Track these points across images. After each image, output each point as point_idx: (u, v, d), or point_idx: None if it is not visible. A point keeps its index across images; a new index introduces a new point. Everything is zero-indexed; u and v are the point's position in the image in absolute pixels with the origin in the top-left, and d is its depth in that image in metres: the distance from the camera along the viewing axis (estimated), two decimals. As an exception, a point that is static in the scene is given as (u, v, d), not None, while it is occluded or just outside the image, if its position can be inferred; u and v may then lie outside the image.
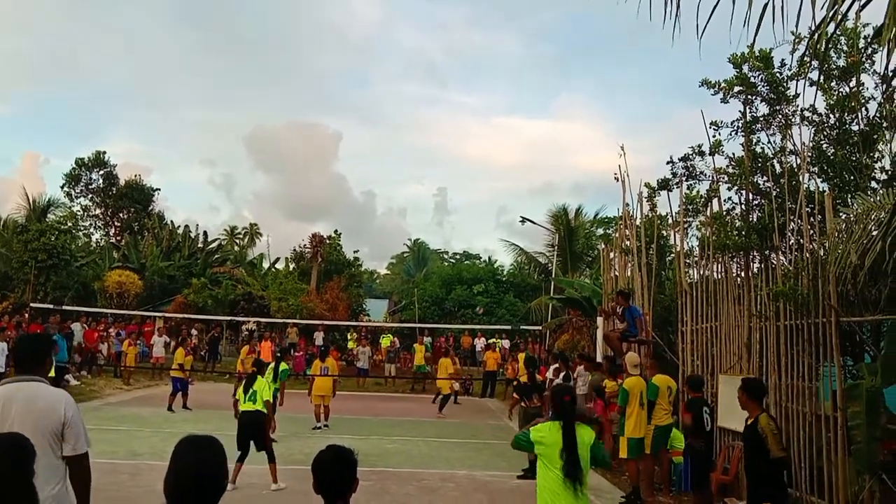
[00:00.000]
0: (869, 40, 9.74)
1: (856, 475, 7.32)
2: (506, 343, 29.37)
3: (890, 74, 8.50)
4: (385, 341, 29.48)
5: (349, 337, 30.84)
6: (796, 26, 3.93)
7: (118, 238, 45.22)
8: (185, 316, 28.53)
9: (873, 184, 9.70)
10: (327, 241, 37.37)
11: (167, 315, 28.88)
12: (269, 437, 9.87)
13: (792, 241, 9.84)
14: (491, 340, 28.84)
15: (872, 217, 7.31)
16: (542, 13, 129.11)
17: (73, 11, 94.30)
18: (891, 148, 9.71)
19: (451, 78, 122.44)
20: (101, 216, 47.82)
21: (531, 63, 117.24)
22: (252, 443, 9.63)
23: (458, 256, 64.17)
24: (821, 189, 9.79)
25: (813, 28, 3.93)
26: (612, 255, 16.89)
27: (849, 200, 9.02)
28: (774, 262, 9.68)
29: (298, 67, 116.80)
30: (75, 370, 21.17)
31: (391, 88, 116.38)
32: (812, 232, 8.92)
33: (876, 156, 10.02)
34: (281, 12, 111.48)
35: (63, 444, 3.80)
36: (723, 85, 11.25)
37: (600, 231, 34.05)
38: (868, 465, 6.99)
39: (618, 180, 15.17)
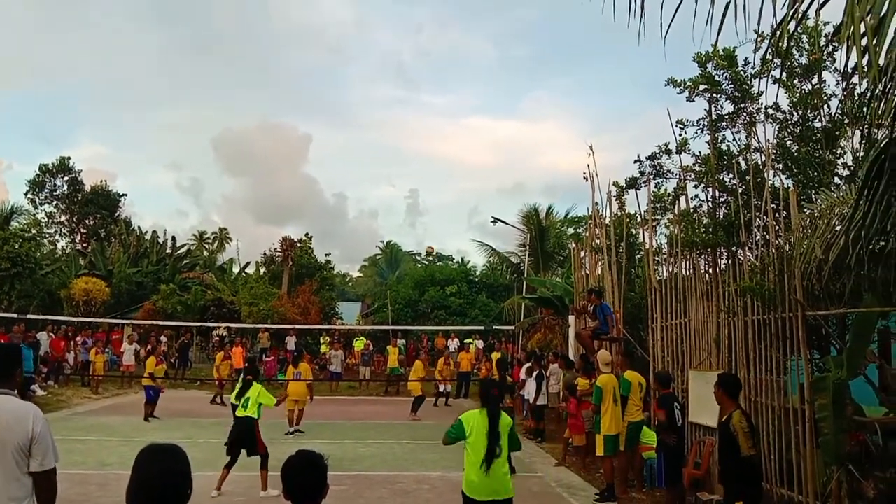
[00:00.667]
0: (829, 38, 9.91)
1: (824, 467, 7.43)
2: (479, 343, 29.38)
3: (850, 71, 8.68)
4: (358, 344, 29.25)
5: (322, 341, 30.61)
6: (758, 25, 3.99)
7: (84, 245, 44.45)
8: (154, 323, 28.13)
9: (836, 179, 9.85)
10: (298, 245, 37.08)
11: (136, 322, 28.45)
12: (263, 443, 9.71)
13: (758, 237, 9.97)
14: (466, 341, 28.85)
15: (836, 212, 7.43)
16: (511, 14, 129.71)
17: (34, 10, 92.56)
18: (852, 144, 9.87)
19: (422, 79, 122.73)
20: (66, 223, 46.89)
21: (501, 64, 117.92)
22: (244, 450, 9.54)
23: (430, 258, 64.15)
24: (785, 185, 9.92)
25: (774, 26, 3.97)
26: (582, 253, 16.98)
27: (813, 196, 9.15)
28: (741, 259, 9.80)
29: (267, 69, 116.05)
30: (41, 380, 20.78)
31: (362, 89, 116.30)
32: (777, 228, 9.03)
33: (838, 152, 10.19)
34: (251, 13, 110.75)
35: (30, 459, 3.61)
36: (688, 84, 11.36)
37: (571, 230, 34.32)
38: (835, 456, 7.10)
39: (587, 179, 15.29)
